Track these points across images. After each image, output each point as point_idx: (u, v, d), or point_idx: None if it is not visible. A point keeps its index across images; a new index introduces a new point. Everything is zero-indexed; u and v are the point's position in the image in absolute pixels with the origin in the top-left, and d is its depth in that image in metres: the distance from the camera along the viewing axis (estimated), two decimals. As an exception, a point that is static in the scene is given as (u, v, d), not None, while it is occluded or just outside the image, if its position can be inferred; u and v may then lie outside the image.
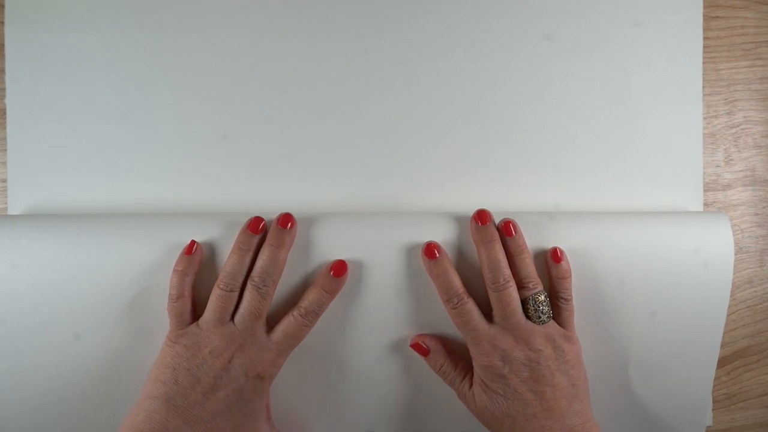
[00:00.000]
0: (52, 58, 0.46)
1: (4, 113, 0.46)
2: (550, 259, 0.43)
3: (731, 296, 0.50)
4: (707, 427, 0.48)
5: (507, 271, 0.41)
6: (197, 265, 0.42)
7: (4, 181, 0.47)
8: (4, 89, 0.46)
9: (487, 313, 0.42)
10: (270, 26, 0.47)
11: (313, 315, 0.42)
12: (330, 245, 0.44)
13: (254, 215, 0.42)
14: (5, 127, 0.46)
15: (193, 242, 0.42)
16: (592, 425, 0.40)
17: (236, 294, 0.41)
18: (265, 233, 0.42)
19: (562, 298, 0.42)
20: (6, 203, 0.46)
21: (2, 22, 0.46)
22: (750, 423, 0.50)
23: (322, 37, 0.47)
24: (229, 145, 0.47)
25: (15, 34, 0.46)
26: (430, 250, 0.42)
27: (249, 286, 0.41)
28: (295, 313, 0.41)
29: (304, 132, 0.47)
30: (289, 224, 0.42)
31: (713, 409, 0.49)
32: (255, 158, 0.47)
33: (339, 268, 0.42)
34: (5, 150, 0.46)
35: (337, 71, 0.48)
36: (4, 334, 0.44)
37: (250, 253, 0.41)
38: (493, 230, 0.42)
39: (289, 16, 0.47)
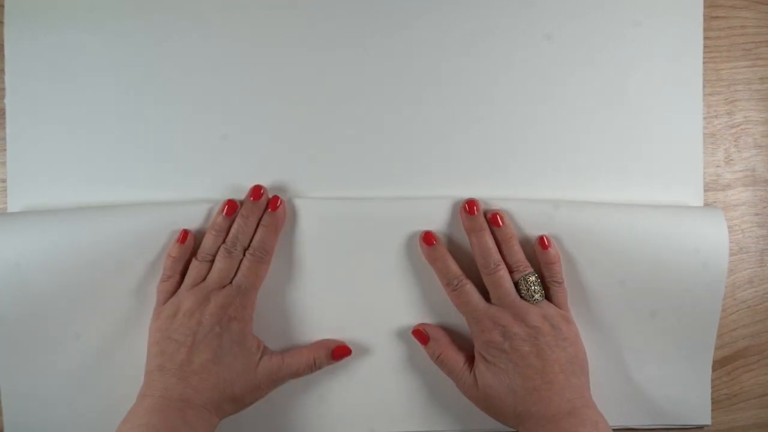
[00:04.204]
0: (52, 58, 0.46)
1: (4, 113, 0.46)
2: (539, 247, 0.45)
3: (732, 297, 0.50)
4: (707, 426, 0.48)
5: (497, 255, 0.44)
6: (189, 250, 0.44)
7: (4, 181, 0.47)
8: (4, 89, 0.46)
9: (484, 297, 0.44)
10: (270, 26, 0.47)
11: (262, 251, 0.44)
12: (328, 236, 0.45)
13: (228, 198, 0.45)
14: (5, 127, 0.46)
15: (185, 232, 0.44)
16: (589, 401, 0.41)
17: (208, 263, 0.44)
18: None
19: (554, 281, 0.45)
20: (6, 203, 0.46)
21: (2, 22, 0.46)
22: (750, 423, 0.50)
23: (322, 36, 0.47)
24: (229, 145, 0.47)
25: (15, 34, 0.46)
26: (428, 237, 0.45)
27: (221, 250, 0.44)
28: (246, 254, 0.44)
29: (304, 132, 0.47)
30: (261, 195, 0.44)
31: (713, 410, 0.49)
32: (255, 158, 0.47)
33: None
34: (5, 150, 0.46)
35: (337, 71, 0.48)
36: (5, 332, 0.44)
37: (223, 233, 0.44)
38: (482, 219, 0.44)
39: (289, 17, 0.47)
